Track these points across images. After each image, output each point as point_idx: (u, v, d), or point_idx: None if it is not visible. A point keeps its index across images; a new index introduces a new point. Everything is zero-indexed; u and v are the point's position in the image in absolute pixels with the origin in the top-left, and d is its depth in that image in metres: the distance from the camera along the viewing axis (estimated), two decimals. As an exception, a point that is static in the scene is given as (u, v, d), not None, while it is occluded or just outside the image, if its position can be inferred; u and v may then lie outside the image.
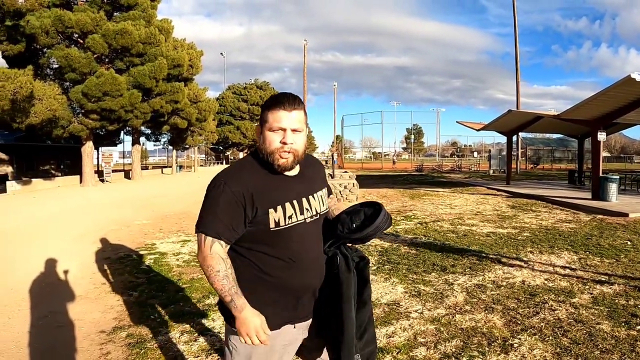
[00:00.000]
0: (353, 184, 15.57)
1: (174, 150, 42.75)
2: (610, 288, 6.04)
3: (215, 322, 4.95)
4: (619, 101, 14.86)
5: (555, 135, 67.76)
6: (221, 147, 62.98)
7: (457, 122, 31.87)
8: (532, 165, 57.03)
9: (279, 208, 1.99)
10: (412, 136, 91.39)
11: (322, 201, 2.24)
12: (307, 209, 2.10)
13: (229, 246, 2.02)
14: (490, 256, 7.83)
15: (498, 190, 20.55)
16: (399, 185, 24.86)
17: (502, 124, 23.38)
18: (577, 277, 6.57)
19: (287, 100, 1.98)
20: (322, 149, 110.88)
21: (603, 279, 6.42)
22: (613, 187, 15.12)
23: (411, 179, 31.15)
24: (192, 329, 4.81)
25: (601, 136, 16.20)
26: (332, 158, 19.86)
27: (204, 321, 5.02)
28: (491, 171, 39.24)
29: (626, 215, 12.19)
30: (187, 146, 45.24)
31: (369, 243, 7.82)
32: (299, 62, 48.62)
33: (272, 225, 1.98)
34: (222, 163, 61.01)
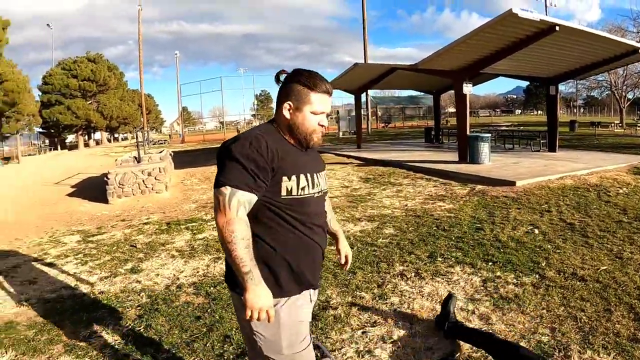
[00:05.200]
0: (160, 169, 11.63)
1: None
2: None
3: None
4: (491, 45, 12.62)
5: (404, 93, 68.19)
6: (53, 131, 55.28)
7: (298, 82, 29.01)
8: (383, 125, 56.60)
9: (293, 178, 2.01)
10: (257, 102, 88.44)
11: (325, 180, 2.27)
12: (317, 184, 2.13)
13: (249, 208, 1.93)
14: (333, 297, 4.53)
15: (348, 157, 17.72)
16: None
17: (348, 81, 20.71)
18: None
19: (329, 85, 2.09)
20: (170, 123, 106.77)
21: (546, 336, 3.48)
22: (485, 148, 12.96)
23: (252, 149, 27.69)
24: None
25: (467, 88, 13.95)
26: (137, 137, 15.60)
27: None
28: (340, 133, 37.42)
29: (512, 184, 9.72)
30: (8, 135, 37.91)
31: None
32: (144, 33, 44.77)
33: (283, 193, 1.99)
34: (56, 149, 53.27)
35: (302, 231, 2.04)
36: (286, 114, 2.06)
